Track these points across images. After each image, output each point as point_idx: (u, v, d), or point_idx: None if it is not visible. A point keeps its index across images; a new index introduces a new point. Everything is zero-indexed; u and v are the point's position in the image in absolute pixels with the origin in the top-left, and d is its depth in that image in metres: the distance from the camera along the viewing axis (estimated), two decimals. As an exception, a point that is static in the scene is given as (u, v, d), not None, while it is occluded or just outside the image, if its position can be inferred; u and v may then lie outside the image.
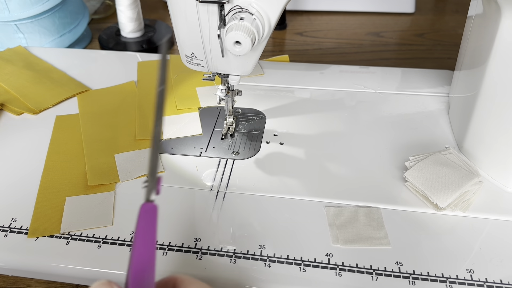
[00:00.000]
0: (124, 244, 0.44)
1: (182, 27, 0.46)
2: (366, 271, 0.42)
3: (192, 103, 0.62)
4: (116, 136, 0.57)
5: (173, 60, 0.69)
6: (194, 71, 0.54)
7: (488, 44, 0.46)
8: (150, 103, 0.61)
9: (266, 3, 0.42)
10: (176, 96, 0.63)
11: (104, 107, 0.61)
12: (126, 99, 0.63)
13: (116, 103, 0.62)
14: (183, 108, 0.60)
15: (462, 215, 0.47)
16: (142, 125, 0.58)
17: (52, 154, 0.54)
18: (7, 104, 0.61)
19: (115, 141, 0.56)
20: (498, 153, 0.49)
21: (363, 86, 0.64)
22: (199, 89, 0.64)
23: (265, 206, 0.48)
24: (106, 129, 0.58)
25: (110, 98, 0.63)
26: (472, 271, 0.42)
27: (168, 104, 0.61)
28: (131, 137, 0.56)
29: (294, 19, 0.90)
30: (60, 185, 0.50)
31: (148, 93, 0.64)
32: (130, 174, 0.51)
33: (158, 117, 0.34)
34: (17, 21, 0.72)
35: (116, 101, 0.63)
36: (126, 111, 0.61)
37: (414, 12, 0.91)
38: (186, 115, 0.60)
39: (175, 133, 0.57)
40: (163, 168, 0.52)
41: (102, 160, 0.53)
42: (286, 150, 0.55)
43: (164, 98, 0.36)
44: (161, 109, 0.35)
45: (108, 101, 0.63)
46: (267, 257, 0.43)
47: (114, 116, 0.60)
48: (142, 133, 0.57)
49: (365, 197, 0.48)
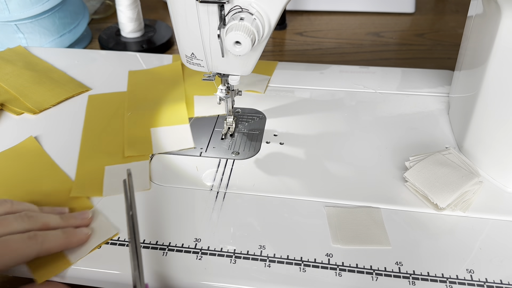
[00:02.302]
0: (124, 244, 0.44)
1: (182, 27, 0.46)
2: (366, 271, 0.42)
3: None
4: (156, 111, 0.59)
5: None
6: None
7: (488, 44, 0.46)
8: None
9: (266, 3, 0.42)
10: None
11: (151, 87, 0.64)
12: (169, 77, 0.66)
13: (161, 82, 0.65)
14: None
15: (462, 215, 0.47)
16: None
17: (88, 130, 0.57)
18: (7, 104, 0.61)
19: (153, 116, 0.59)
20: (498, 153, 0.49)
21: (363, 86, 0.64)
22: (197, 97, 0.63)
23: (265, 206, 0.48)
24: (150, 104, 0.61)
25: (156, 78, 0.66)
26: (472, 271, 0.42)
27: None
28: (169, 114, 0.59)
29: (294, 19, 0.90)
30: (99, 155, 0.53)
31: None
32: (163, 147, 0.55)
33: (135, 257, 0.38)
34: (17, 21, 0.72)
35: (161, 81, 0.66)
36: (170, 91, 0.63)
37: (414, 12, 0.91)
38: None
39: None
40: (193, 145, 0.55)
41: (138, 133, 0.56)
42: (286, 150, 0.55)
43: (136, 225, 0.40)
44: (136, 240, 0.39)
45: (155, 80, 0.66)
46: (267, 257, 0.43)
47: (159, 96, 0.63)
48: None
49: (365, 197, 0.48)
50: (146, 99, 0.62)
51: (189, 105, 0.61)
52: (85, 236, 0.43)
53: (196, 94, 0.63)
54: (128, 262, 0.42)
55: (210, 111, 0.60)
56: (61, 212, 0.45)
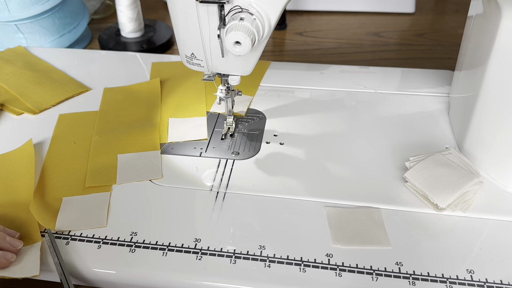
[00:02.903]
0: (124, 244, 0.44)
1: (182, 27, 0.46)
2: (366, 272, 0.42)
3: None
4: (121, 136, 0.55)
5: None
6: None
7: (488, 44, 0.46)
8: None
9: (266, 3, 0.42)
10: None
11: (122, 104, 0.61)
12: (146, 96, 0.62)
13: (134, 100, 0.62)
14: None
15: (462, 215, 0.47)
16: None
17: (52, 154, 0.54)
18: (7, 104, 0.61)
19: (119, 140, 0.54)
20: (498, 153, 0.49)
21: (363, 86, 0.64)
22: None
23: (265, 206, 0.48)
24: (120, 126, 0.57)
25: (132, 98, 0.62)
26: (472, 272, 0.42)
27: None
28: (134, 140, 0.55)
29: (294, 19, 0.90)
30: (58, 184, 0.50)
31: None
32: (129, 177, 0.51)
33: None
34: (17, 21, 0.72)
35: (133, 99, 0.62)
36: (139, 110, 0.60)
37: (414, 12, 0.91)
38: (194, 119, 0.58)
39: (179, 137, 0.56)
40: (161, 175, 0.51)
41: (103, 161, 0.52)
42: (286, 150, 0.55)
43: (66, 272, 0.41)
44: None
45: (126, 98, 0.62)
46: (267, 257, 0.43)
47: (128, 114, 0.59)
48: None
49: (365, 197, 0.48)
50: (118, 121, 0.58)
51: (163, 128, 0.57)
52: (6, 262, 0.41)
53: (172, 116, 0.59)
54: (128, 262, 0.42)
55: (185, 135, 0.56)
56: (10, 234, 0.43)
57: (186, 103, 0.61)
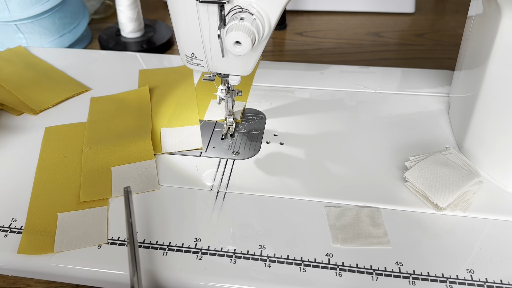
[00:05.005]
0: (124, 244, 0.44)
1: (182, 27, 0.46)
2: (366, 271, 0.42)
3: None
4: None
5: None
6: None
7: (488, 44, 0.46)
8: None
9: (266, 3, 0.42)
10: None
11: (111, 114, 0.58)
12: (135, 104, 0.61)
13: (125, 108, 0.60)
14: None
15: (462, 215, 0.47)
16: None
17: (42, 169, 0.52)
18: (7, 104, 0.61)
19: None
20: (498, 153, 0.49)
21: (363, 86, 0.64)
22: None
23: (265, 206, 0.48)
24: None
25: (121, 107, 0.60)
26: (472, 271, 0.42)
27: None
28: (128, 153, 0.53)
29: (294, 19, 0.90)
30: (51, 200, 0.48)
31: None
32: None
33: (133, 263, 0.38)
34: (17, 21, 0.72)
35: (125, 107, 0.60)
36: (128, 119, 0.58)
37: (414, 12, 0.91)
38: (186, 128, 0.57)
39: (173, 147, 0.54)
40: (158, 186, 0.50)
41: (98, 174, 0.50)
42: (286, 150, 0.55)
43: (135, 233, 0.42)
44: (135, 246, 0.40)
45: (117, 106, 0.60)
46: (267, 257, 0.43)
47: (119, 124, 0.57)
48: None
49: (365, 197, 0.48)
50: (109, 131, 0.56)
51: (156, 139, 0.55)
52: None
53: (164, 126, 0.57)
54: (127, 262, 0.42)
55: (179, 145, 0.55)
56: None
57: (177, 112, 0.59)
